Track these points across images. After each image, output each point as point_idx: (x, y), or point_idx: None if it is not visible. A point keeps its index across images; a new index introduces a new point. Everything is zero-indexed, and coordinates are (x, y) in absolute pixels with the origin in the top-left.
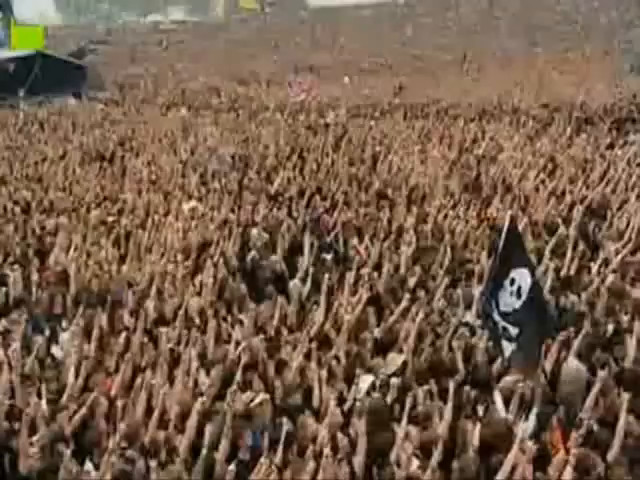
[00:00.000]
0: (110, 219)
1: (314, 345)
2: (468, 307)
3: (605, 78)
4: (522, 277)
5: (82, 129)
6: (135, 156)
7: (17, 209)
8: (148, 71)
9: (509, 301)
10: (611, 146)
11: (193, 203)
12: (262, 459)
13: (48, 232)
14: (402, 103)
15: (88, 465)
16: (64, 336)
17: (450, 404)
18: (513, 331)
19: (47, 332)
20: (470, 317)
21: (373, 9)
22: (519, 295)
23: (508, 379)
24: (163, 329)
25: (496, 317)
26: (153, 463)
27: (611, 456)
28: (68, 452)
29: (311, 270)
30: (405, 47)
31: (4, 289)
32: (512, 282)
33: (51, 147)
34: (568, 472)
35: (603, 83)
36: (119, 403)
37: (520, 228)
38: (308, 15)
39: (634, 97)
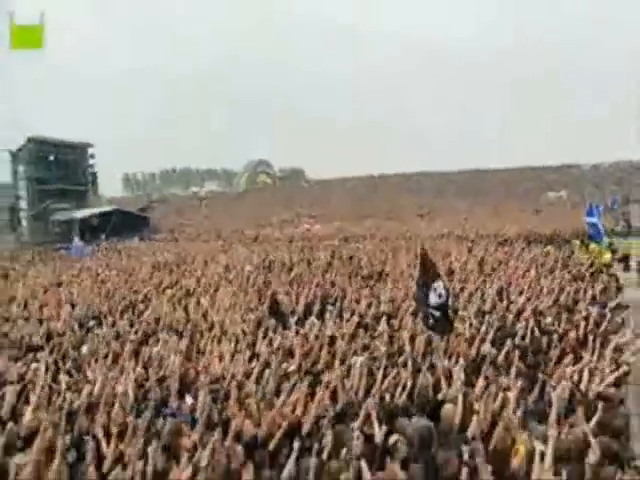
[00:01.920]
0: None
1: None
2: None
3: (519, 220)
4: (439, 286)
5: (148, 255)
6: (190, 264)
7: (119, 290)
8: (191, 220)
9: (436, 299)
10: (522, 252)
11: (235, 288)
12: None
13: (140, 301)
14: (376, 234)
15: (188, 397)
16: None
17: (410, 362)
18: (436, 313)
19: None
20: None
21: (356, 180)
22: (440, 296)
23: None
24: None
25: (427, 308)
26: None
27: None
28: (174, 389)
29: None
30: (380, 205)
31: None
32: (435, 289)
33: (130, 263)
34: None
35: (518, 222)
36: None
37: (456, 293)
38: (308, 185)
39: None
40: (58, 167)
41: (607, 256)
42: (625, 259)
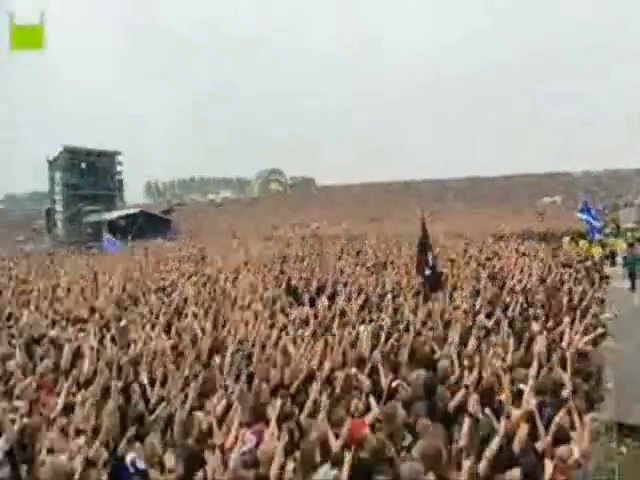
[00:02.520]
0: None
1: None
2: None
3: (516, 220)
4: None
5: (172, 251)
6: (212, 257)
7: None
8: (207, 222)
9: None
10: (516, 245)
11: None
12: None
13: (168, 285)
14: (381, 234)
15: (216, 358)
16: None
17: (412, 327)
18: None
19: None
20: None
21: (360, 187)
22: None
23: None
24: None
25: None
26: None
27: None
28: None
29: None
30: (383, 209)
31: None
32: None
33: (156, 257)
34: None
35: (513, 221)
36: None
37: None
38: (317, 191)
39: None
40: (89, 173)
41: (596, 250)
42: (612, 255)
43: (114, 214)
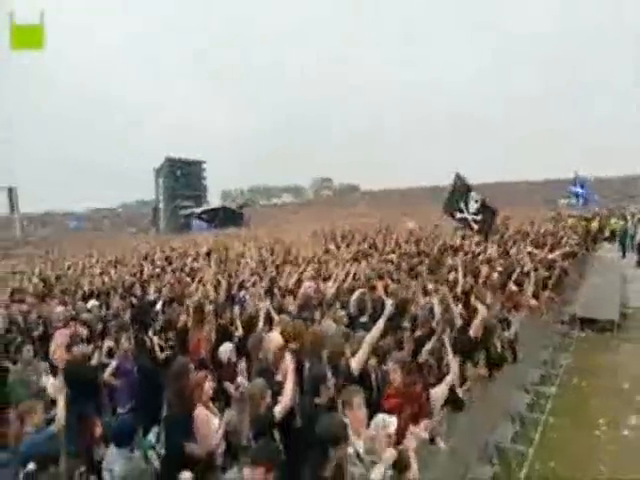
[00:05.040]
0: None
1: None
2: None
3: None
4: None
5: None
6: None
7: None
8: (270, 218)
9: (475, 205)
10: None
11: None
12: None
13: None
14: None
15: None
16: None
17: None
18: (477, 217)
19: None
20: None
21: (397, 191)
22: (477, 202)
23: None
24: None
25: (466, 215)
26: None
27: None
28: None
29: None
30: (414, 208)
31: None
32: (473, 197)
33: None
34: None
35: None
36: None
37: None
38: (359, 194)
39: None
40: (183, 178)
41: (594, 225)
42: (612, 234)
43: (201, 209)
